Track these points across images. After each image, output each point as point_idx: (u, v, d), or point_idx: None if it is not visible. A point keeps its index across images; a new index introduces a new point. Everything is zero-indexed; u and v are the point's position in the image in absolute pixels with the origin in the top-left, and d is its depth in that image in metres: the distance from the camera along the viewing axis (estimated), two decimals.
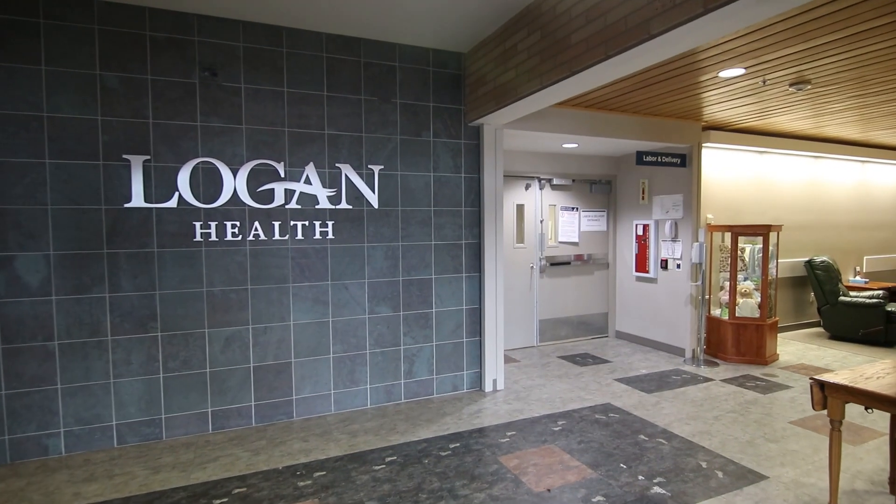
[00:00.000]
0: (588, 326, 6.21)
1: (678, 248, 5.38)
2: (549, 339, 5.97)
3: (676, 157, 5.20)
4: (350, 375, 3.88)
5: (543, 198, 5.84)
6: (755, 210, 6.17)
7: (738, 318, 5.14)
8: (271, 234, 3.59)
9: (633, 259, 5.92)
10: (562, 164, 5.87)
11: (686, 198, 5.28)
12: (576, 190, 6.04)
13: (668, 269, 5.51)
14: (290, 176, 3.62)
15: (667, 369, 4.93)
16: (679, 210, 5.35)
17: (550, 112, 4.50)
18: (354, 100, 3.79)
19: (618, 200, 6.21)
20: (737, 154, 6.00)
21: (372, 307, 3.92)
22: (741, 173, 6.04)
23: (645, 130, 4.96)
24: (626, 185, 6.07)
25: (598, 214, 6.18)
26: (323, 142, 3.71)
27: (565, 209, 5.97)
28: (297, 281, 3.68)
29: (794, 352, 5.58)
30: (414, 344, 4.08)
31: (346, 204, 3.79)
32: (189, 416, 3.47)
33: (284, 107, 3.60)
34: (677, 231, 5.39)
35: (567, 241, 6.00)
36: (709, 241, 5.40)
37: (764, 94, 4.25)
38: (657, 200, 5.62)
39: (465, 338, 4.26)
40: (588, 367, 5.04)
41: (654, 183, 5.67)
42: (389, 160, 3.91)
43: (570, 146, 5.35)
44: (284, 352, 3.68)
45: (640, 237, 5.82)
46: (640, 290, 5.90)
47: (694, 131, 5.24)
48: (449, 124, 4.10)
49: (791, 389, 4.32)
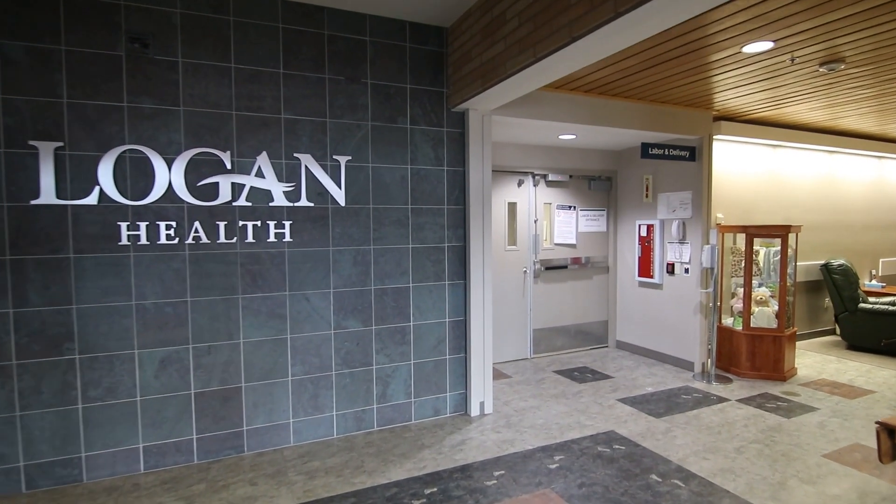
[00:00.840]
0: (586, 336, 5.69)
1: (686, 250, 4.86)
2: (543, 350, 5.44)
3: (685, 149, 4.69)
4: (312, 401, 3.33)
5: (538, 195, 5.32)
6: (767, 209, 5.67)
7: (754, 329, 4.64)
8: (215, 236, 3.03)
9: (636, 263, 5.41)
10: (558, 158, 5.35)
11: (695, 195, 4.77)
12: (573, 187, 5.51)
13: (675, 273, 5.00)
14: (238, 167, 3.06)
15: (675, 387, 4.41)
16: (687, 209, 4.84)
17: (545, 97, 3.97)
18: (316, 79, 3.24)
19: (619, 198, 5.69)
20: (748, 148, 5.50)
21: (338, 321, 3.37)
22: (753, 169, 5.54)
23: (651, 119, 4.44)
24: (629, 182, 5.55)
25: (597, 214, 5.66)
26: (278, 128, 3.15)
27: (561, 208, 5.44)
28: (247, 291, 3.12)
29: (812, 365, 5.08)
30: (388, 363, 3.53)
31: (307, 201, 3.23)
32: (115, 453, 2.90)
33: (231, 86, 3.04)
34: (685, 232, 4.88)
35: (563, 242, 5.47)
36: (720, 244, 4.89)
37: (784, 78, 3.74)
38: (662, 198, 5.11)
39: (447, 354, 3.72)
40: (587, 383, 4.51)
41: (659, 179, 5.16)
42: (359, 150, 3.36)
43: (567, 138, 4.82)
44: (233, 375, 3.13)
45: (644, 239, 5.30)
46: (644, 296, 5.39)
47: (704, 121, 4.73)
48: (429, 109, 3.56)
49: (817, 412, 3.81)
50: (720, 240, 4.86)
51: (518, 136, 4.73)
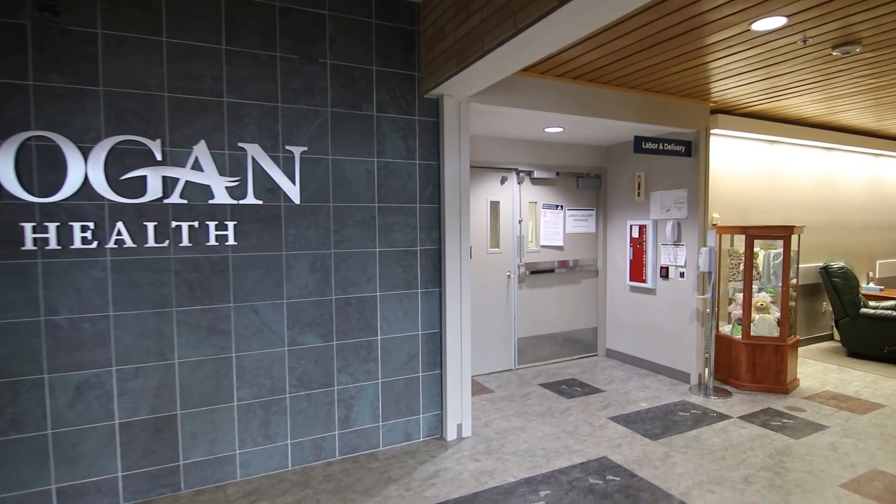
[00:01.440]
0: (575, 344, 5.32)
1: (681, 253, 4.51)
2: (529, 360, 5.05)
3: (681, 144, 4.33)
4: (263, 429, 2.90)
5: (522, 194, 4.93)
6: (764, 209, 5.36)
7: (754, 338, 4.30)
8: (143, 239, 2.58)
9: (627, 266, 5.05)
10: (544, 153, 4.97)
11: (691, 194, 4.42)
12: (560, 185, 5.14)
13: (669, 278, 4.65)
14: (171, 159, 2.62)
15: (671, 401, 4.05)
16: (682, 208, 4.49)
17: (529, 84, 3.58)
18: (266, 57, 2.80)
19: (609, 197, 5.33)
20: (745, 144, 5.18)
21: (293, 336, 2.94)
22: (750, 167, 5.22)
23: (644, 111, 4.07)
24: (619, 180, 5.19)
25: (585, 214, 5.29)
26: (220, 113, 2.71)
27: (548, 207, 5.07)
28: (183, 304, 2.68)
29: (813, 375, 4.76)
30: (352, 383, 3.11)
31: (255, 198, 2.80)
32: (21, 497, 2.44)
33: (163, 63, 2.59)
34: (680, 233, 4.53)
35: (550, 244, 5.09)
36: (717, 246, 4.55)
37: (788, 65, 3.40)
38: (655, 197, 4.75)
39: (420, 372, 3.31)
40: (576, 399, 4.13)
41: (652, 176, 4.81)
42: (317, 140, 2.94)
43: (553, 131, 4.44)
44: (166, 401, 2.68)
45: (636, 240, 4.94)
46: (636, 302, 5.03)
47: (701, 114, 4.38)
48: (398, 95, 3.15)
49: (827, 431, 3.48)
50: (718, 242, 4.52)
51: (501, 128, 4.34)
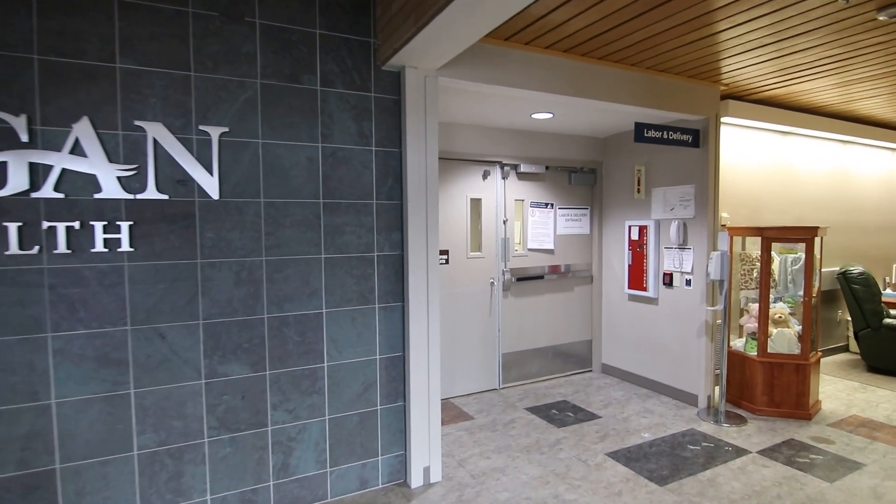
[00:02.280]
0: (567, 359, 4.75)
1: (687, 257, 3.96)
2: (515, 378, 4.48)
3: (687, 133, 3.78)
4: (173, 483, 2.29)
5: (507, 190, 4.36)
6: (776, 207, 4.82)
7: (771, 355, 3.75)
8: (3, 244, 1.98)
9: (626, 272, 4.49)
10: (532, 145, 4.40)
11: (699, 190, 3.86)
12: (550, 180, 4.57)
13: (674, 286, 4.09)
14: (42, 140, 2.02)
15: (678, 430, 3.49)
16: (689, 207, 3.93)
17: (511, 56, 3.00)
18: (174, 13, 2.21)
19: (605, 194, 4.77)
20: (756, 136, 4.64)
21: (213, 366, 2.34)
22: (760, 161, 4.68)
23: (646, 93, 3.51)
24: (616, 174, 4.63)
25: (579, 213, 4.73)
26: (111, 82, 2.11)
27: (537, 206, 4.50)
28: (62, 327, 2.08)
29: (835, 395, 4.23)
30: (292, 421, 2.52)
31: (159, 192, 2.20)
32: None
33: (32, 16, 1.99)
34: (686, 235, 3.97)
35: (539, 247, 4.52)
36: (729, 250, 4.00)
37: (812, 36, 2.85)
38: (658, 194, 4.20)
39: (379, 404, 2.72)
40: (568, 427, 3.56)
41: (654, 171, 4.25)
42: (242, 120, 2.35)
43: (541, 117, 3.87)
44: (39, 454, 2.08)
45: (635, 243, 4.38)
46: (635, 312, 4.47)
47: (710, 99, 3.83)
48: (349, 66, 2.56)
49: (864, 470, 2.93)
50: (730, 245, 3.96)
51: (481, 114, 3.76)
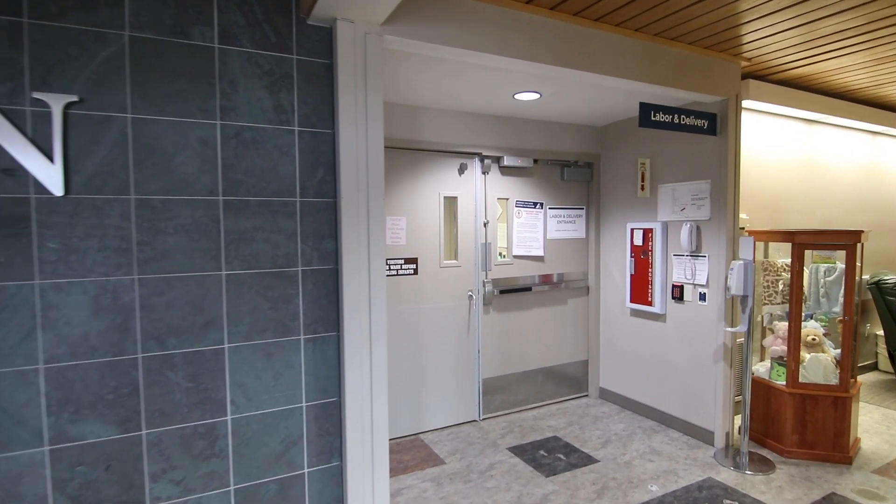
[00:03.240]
0: (560, 383, 4.11)
1: (702, 267, 3.32)
2: (498, 407, 3.83)
3: (703, 117, 3.14)
4: None
5: (488, 187, 3.71)
6: (801, 207, 4.19)
7: (804, 386, 3.11)
8: None
9: (627, 282, 3.84)
10: (517, 133, 3.75)
11: (716, 186, 3.22)
12: (540, 175, 3.93)
13: (685, 300, 3.45)
14: None
15: (693, 481, 2.85)
16: (703, 206, 3.29)
17: (483, 12, 2.35)
18: None
19: (603, 192, 4.13)
20: (778, 124, 4.01)
21: (61, 426, 1.69)
22: (783, 154, 4.05)
23: (653, 67, 2.87)
24: (617, 169, 3.99)
25: (573, 214, 4.09)
26: None
27: (523, 205, 3.85)
28: None
29: (875, 428, 3.59)
30: (181, 496, 1.87)
31: None
32: None
33: None
34: (700, 240, 3.34)
35: (526, 254, 3.88)
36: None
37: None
38: (665, 192, 3.56)
39: (306, 466, 2.08)
40: (559, 476, 2.92)
41: (661, 164, 3.61)
42: (101, 86, 1.70)
43: (527, 98, 3.23)
44: None
45: (639, 249, 3.74)
46: (639, 331, 3.83)
47: (729, 77, 3.19)
48: (260, 17, 1.92)
49: None
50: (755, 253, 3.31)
51: (454, 94, 3.12)
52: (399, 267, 3.39)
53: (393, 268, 3.38)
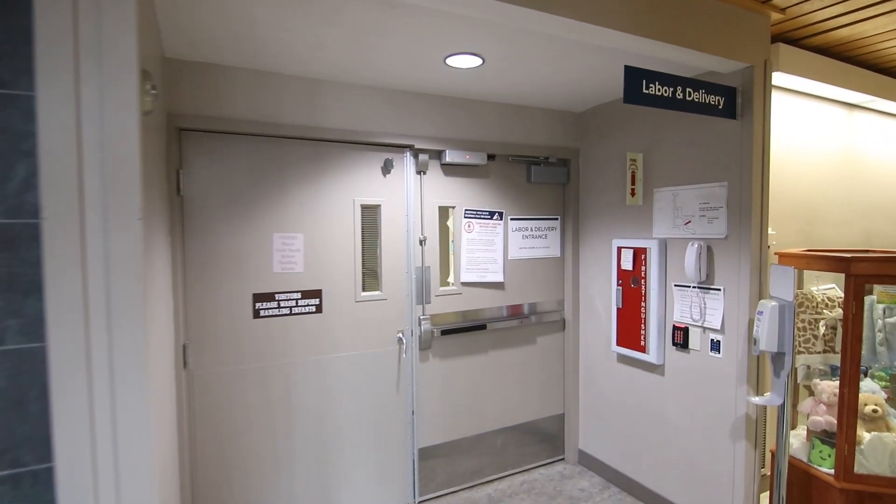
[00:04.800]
0: (526, 444, 3.16)
1: (714, 304, 2.37)
2: (441, 485, 2.89)
3: (717, 92, 2.18)
4: None
5: (425, 191, 2.77)
6: (838, 218, 3.25)
7: (862, 479, 2.17)
8: None
9: (614, 319, 2.90)
10: (464, 118, 2.81)
11: (735, 192, 2.28)
12: (498, 176, 2.99)
13: (690, 348, 2.51)
14: None
15: None
16: (718, 220, 2.35)
17: None
18: None
19: (583, 197, 3.19)
20: (809, 108, 3.08)
21: None
22: (817, 148, 3.12)
23: (648, 10, 1.93)
24: (600, 167, 3.05)
25: (544, 226, 3.15)
26: None
27: (476, 216, 2.91)
28: None
29: None
30: None
31: None
32: None
33: None
34: (712, 266, 2.39)
35: (479, 280, 2.94)
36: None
37: None
38: (664, 198, 2.62)
39: None
40: None
41: (658, 160, 2.67)
42: None
43: (464, 64, 2.28)
44: None
45: (628, 275, 2.80)
46: (629, 382, 2.89)
47: (755, 35, 2.24)
48: None
49: None
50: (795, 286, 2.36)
51: (365, 60, 2.18)
52: (293, 304, 2.45)
53: (284, 305, 2.43)
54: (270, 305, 2.40)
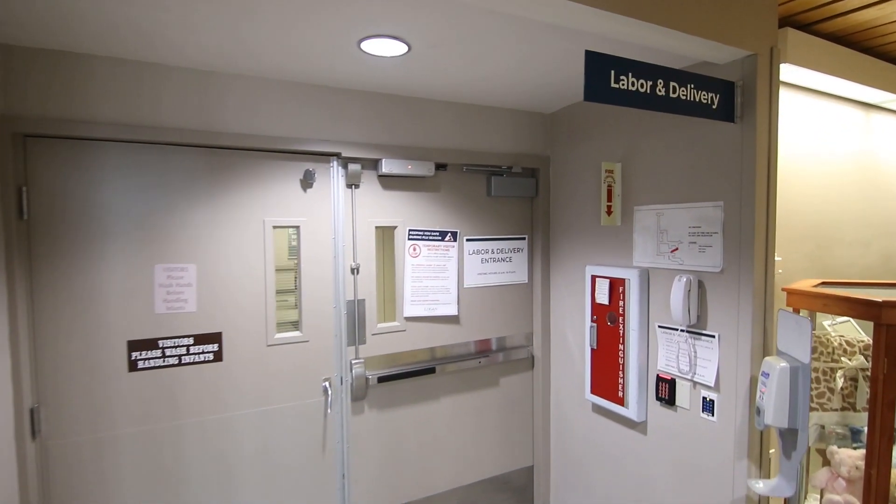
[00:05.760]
0: (490, 501, 2.69)
1: (707, 354, 1.90)
2: None
3: (710, 87, 1.70)
4: None
5: (358, 209, 2.28)
6: (853, 238, 2.78)
7: None
8: None
9: (587, 362, 2.41)
10: (404, 120, 2.32)
11: (733, 213, 1.80)
12: (451, 189, 2.50)
13: (678, 405, 2.03)
14: None
15: None
16: (712, 248, 1.87)
17: None
18: None
19: (554, 213, 2.70)
20: (821, 107, 2.60)
21: None
22: (828, 155, 2.65)
23: None
24: (574, 178, 2.57)
25: (508, 247, 2.67)
26: None
27: (423, 237, 2.43)
28: None
29: None
30: None
31: None
32: None
33: None
34: (704, 307, 1.91)
35: (428, 314, 2.45)
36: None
37: None
38: (645, 219, 2.13)
39: None
40: None
41: (640, 172, 2.18)
42: None
43: (387, 52, 1.80)
44: None
45: (603, 310, 2.32)
46: (605, 437, 2.41)
47: (759, 16, 1.76)
48: None
49: None
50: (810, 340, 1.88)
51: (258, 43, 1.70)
52: (183, 352, 1.96)
53: (171, 354, 1.94)
54: (152, 355, 1.91)
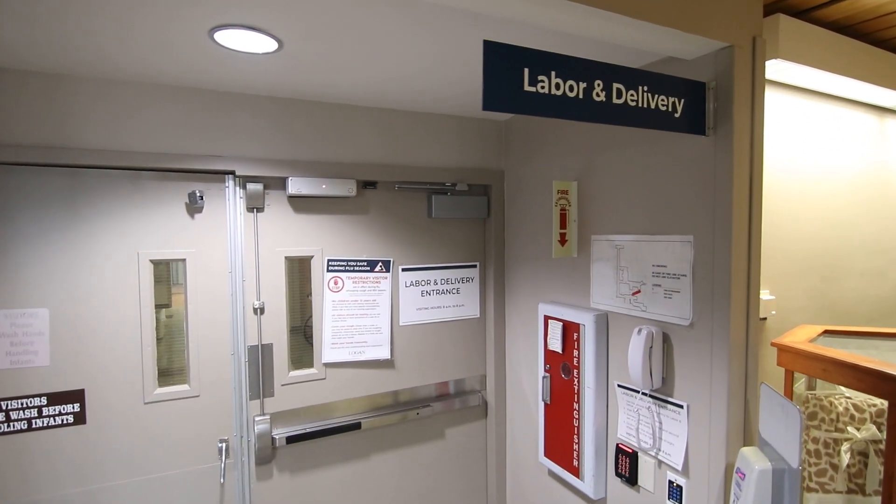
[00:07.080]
0: None
1: (674, 427, 1.50)
2: None
3: (672, 90, 1.31)
4: None
5: (262, 236, 1.92)
6: (865, 267, 2.36)
7: None
8: None
9: (541, 418, 2.02)
10: (315, 130, 1.95)
11: (705, 250, 1.41)
12: (380, 211, 2.13)
13: (640, 484, 1.63)
14: None
15: None
16: (679, 294, 1.48)
17: None
18: None
19: (508, 237, 2.32)
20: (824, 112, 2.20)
21: None
22: (837, 167, 2.24)
23: None
24: (528, 197, 2.18)
25: (456, 277, 2.29)
26: None
27: (345, 267, 2.06)
28: None
29: None
30: None
31: None
32: None
33: None
34: (670, 367, 1.52)
35: (354, 358, 2.08)
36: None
37: None
38: (603, 250, 1.74)
39: None
40: None
41: (598, 193, 1.79)
42: None
43: (251, 48, 1.44)
44: None
45: (557, 359, 1.92)
46: None
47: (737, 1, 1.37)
48: None
49: None
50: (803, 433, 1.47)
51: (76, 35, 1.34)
52: (33, 414, 1.61)
53: (17, 418, 1.59)
54: None
